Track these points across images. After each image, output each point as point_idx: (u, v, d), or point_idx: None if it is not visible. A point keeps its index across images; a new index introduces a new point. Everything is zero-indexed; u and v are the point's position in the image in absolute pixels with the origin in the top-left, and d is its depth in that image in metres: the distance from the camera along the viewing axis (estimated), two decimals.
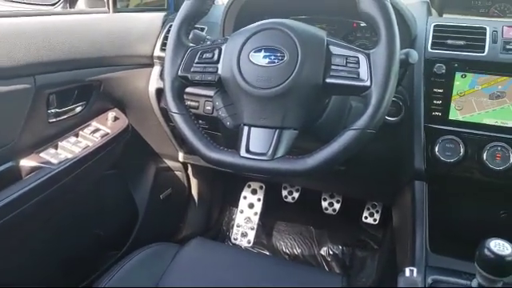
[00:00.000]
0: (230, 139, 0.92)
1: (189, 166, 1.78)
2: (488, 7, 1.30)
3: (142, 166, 1.64)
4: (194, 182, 1.84)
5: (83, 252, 1.38)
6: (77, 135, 1.25)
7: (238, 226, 1.92)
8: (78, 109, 1.26)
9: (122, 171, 1.51)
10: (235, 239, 1.91)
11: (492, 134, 0.98)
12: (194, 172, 1.81)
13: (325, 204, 1.86)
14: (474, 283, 0.83)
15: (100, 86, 1.28)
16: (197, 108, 1.29)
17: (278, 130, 0.81)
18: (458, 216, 1.10)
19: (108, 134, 1.28)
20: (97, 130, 1.27)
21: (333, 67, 0.80)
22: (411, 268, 0.85)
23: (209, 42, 0.91)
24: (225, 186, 2.00)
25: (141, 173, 1.63)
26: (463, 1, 1.32)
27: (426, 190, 1.07)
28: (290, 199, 1.91)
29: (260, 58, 0.82)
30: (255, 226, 1.91)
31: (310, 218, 1.94)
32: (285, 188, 1.92)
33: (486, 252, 0.75)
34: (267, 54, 0.81)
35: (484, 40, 1.03)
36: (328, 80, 0.80)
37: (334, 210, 1.85)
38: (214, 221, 1.99)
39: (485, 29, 1.05)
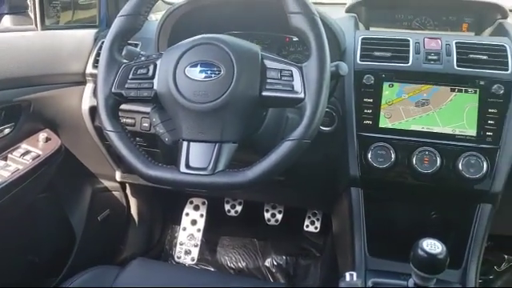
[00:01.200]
0: (169, 155, 0.91)
1: (127, 185, 1.74)
2: (410, 20, 1.39)
3: (78, 188, 1.58)
4: (133, 202, 1.80)
5: (18, 280, 1.30)
6: (5, 158, 1.19)
7: (180, 244, 1.89)
8: (6, 130, 1.20)
9: (56, 194, 1.45)
10: (178, 257, 1.87)
11: (419, 140, 1.04)
12: (133, 191, 1.76)
13: (267, 215, 1.87)
14: (411, 283, 0.87)
15: (29, 106, 1.22)
16: (133, 125, 1.27)
17: (217, 144, 0.82)
18: (393, 219, 1.14)
19: (40, 155, 1.23)
20: (27, 152, 1.22)
21: (268, 80, 0.82)
22: (351, 272, 0.87)
23: (143, 58, 0.90)
24: (166, 203, 1.96)
25: (76, 195, 1.57)
26: (387, 15, 1.40)
27: (362, 196, 1.11)
28: (232, 213, 1.91)
29: (196, 73, 0.82)
30: (199, 243, 1.89)
31: (253, 230, 1.95)
32: (227, 202, 1.91)
33: (420, 252, 0.79)
34: (203, 68, 0.82)
35: (408, 51, 1.09)
36: (264, 93, 0.82)
37: (277, 221, 1.87)
38: (156, 240, 1.94)
39: (408, 41, 1.11)
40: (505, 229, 1.35)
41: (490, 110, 1.01)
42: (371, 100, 1.07)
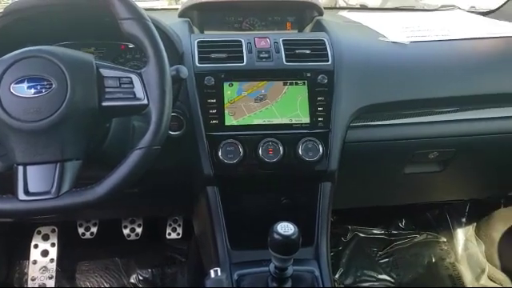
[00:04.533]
0: (4, 184, 0.82)
1: None
2: (240, 22, 1.47)
3: None
4: None
5: None
6: None
7: (32, 280, 1.73)
8: None
9: None
10: None
11: (262, 132, 1.10)
12: None
13: (126, 231, 1.81)
14: (272, 267, 0.93)
15: None
16: None
17: (58, 164, 0.77)
18: (250, 211, 1.19)
19: None
20: None
21: (107, 90, 0.79)
22: (215, 269, 0.90)
23: None
24: (9, 237, 1.76)
25: None
26: (219, 18, 1.46)
27: (218, 194, 1.14)
28: (88, 235, 1.80)
29: (24, 90, 0.76)
30: (54, 274, 1.75)
31: (113, 249, 1.87)
32: (80, 225, 1.80)
33: (275, 236, 0.85)
34: (32, 84, 0.76)
35: (241, 51, 1.15)
36: (104, 103, 0.79)
37: (137, 235, 1.82)
38: (2, 280, 1.74)
39: (240, 41, 1.18)
40: (344, 203, 1.52)
41: (318, 98, 1.12)
42: (214, 100, 1.11)
